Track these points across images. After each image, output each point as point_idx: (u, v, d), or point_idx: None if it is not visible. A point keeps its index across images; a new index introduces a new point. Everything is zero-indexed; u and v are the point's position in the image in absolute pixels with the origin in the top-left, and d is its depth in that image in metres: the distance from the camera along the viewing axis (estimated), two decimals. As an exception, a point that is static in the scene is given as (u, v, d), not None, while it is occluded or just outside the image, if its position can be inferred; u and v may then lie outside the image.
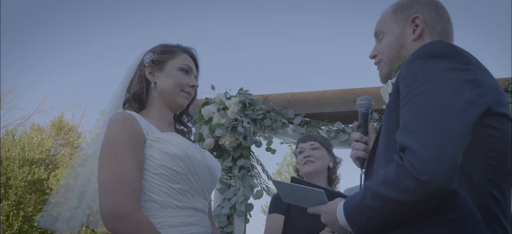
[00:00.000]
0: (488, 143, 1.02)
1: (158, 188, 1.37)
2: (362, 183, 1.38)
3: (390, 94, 1.21)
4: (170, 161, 1.38)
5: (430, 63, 1.05)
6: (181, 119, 1.73)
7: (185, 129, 1.73)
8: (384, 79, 1.39)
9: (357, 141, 1.46)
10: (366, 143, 1.45)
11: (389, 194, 0.98)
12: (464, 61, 1.05)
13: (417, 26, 1.31)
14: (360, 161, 1.43)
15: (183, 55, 1.63)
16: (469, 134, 0.97)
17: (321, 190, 1.23)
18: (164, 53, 1.60)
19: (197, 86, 1.65)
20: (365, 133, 1.47)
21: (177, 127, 1.70)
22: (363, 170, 1.40)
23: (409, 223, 1.00)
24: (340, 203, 1.14)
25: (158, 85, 1.57)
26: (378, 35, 1.40)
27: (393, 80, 1.30)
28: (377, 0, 1.49)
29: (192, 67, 1.63)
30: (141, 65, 1.60)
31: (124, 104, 1.59)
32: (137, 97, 1.55)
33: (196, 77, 1.67)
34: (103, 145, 1.38)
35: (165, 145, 1.40)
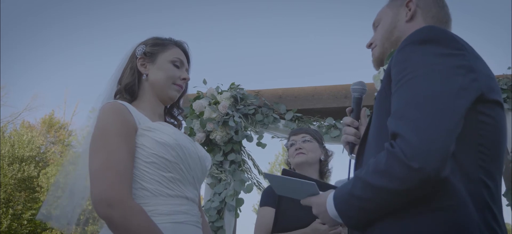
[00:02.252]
0: (480, 130, 1.01)
1: (149, 176, 1.37)
2: (351, 169, 1.37)
3: (381, 81, 1.20)
4: (162, 150, 1.38)
5: (422, 49, 1.03)
6: (172, 111, 1.73)
7: (175, 122, 1.73)
8: (377, 63, 1.38)
9: (348, 125, 1.44)
10: (357, 128, 1.44)
11: (380, 183, 0.96)
12: (457, 47, 1.04)
13: (410, 9, 1.30)
14: (350, 146, 1.42)
15: (175, 48, 1.63)
16: (462, 121, 0.96)
17: (313, 182, 1.21)
18: (156, 46, 1.61)
19: (188, 79, 1.65)
20: (357, 118, 1.45)
21: (167, 120, 1.70)
22: (353, 155, 1.39)
23: (399, 211, 0.98)
24: (330, 194, 1.11)
25: (150, 77, 1.57)
26: (375, 24, 1.40)
27: (385, 67, 1.30)
28: (370, -1, 1.47)
29: (183, 60, 1.64)
30: (133, 57, 1.60)
31: (115, 96, 1.59)
32: (129, 88, 1.55)
33: (187, 70, 1.67)
34: (94, 134, 1.37)
35: (156, 134, 1.40)
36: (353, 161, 1.33)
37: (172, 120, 1.72)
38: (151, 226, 1.26)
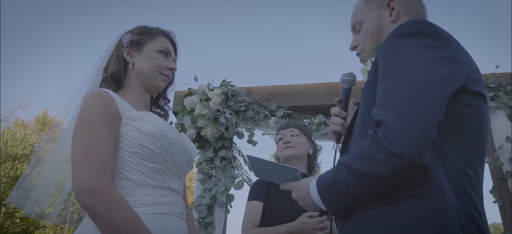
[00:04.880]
0: (462, 120, 1.04)
1: (133, 166, 1.34)
2: (337, 158, 1.38)
3: (368, 72, 1.22)
4: (146, 140, 1.36)
5: (408, 41, 1.06)
6: (158, 102, 1.71)
7: (162, 112, 1.72)
8: None
9: (336, 115, 1.46)
10: (344, 119, 1.46)
11: (363, 168, 0.98)
12: (441, 39, 1.07)
13: (393, 8, 1.33)
14: (336, 136, 1.44)
15: (162, 38, 1.62)
16: (443, 109, 0.98)
17: (295, 167, 1.23)
18: (143, 35, 1.59)
19: (175, 69, 1.63)
20: (345, 108, 1.48)
21: (153, 109, 1.68)
22: (339, 144, 1.41)
23: (381, 198, 1.00)
24: (313, 180, 1.14)
25: (136, 66, 1.55)
26: (355, 27, 1.41)
27: (373, 59, 1.32)
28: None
29: (171, 50, 1.62)
30: (119, 45, 1.58)
31: (101, 84, 1.56)
32: (115, 77, 1.53)
33: (174, 60, 1.65)
34: (77, 122, 1.34)
35: (140, 123, 1.37)
36: (338, 151, 1.35)
37: (158, 110, 1.70)
38: (133, 217, 1.23)
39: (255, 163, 1.33)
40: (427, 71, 1.00)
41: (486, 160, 3.30)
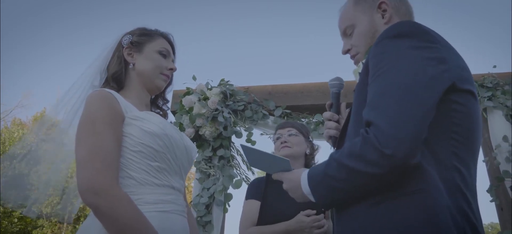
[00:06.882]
0: (453, 118, 1.05)
1: (136, 165, 1.37)
2: None
3: (359, 74, 1.24)
4: (149, 139, 1.38)
5: (396, 42, 1.08)
6: (157, 102, 1.74)
7: (161, 112, 1.74)
8: None
9: (329, 119, 1.48)
10: (338, 122, 1.47)
11: (354, 165, 1.00)
12: (429, 40, 1.08)
13: (385, 11, 1.35)
14: (332, 140, 1.45)
15: (161, 39, 1.66)
16: (433, 109, 1.00)
17: (287, 159, 1.26)
18: (143, 36, 1.62)
19: (175, 69, 1.67)
20: (337, 112, 1.49)
21: (152, 110, 1.71)
22: (335, 148, 1.42)
23: (373, 196, 1.02)
24: (304, 172, 1.16)
25: (137, 66, 1.58)
26: (346, 31, 1.42)
27: (364, 61, 1.33)
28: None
29: (169, 51, 1.66)
30: (119, 46, 1.62)
31: (102, 85, 1.58)
32: (116, 77, 1.56)
33: (173, 61, 1.69)
34: (81, 122, 1.36)
35: (144, 123, 1.40)
36: None
37: (157, 110, 1.73)
38: (138, 215, 1.25)
39: (249, 152, 1.35)
40: (416, 72, 1.01)
41: (483, 159, 3.33)
